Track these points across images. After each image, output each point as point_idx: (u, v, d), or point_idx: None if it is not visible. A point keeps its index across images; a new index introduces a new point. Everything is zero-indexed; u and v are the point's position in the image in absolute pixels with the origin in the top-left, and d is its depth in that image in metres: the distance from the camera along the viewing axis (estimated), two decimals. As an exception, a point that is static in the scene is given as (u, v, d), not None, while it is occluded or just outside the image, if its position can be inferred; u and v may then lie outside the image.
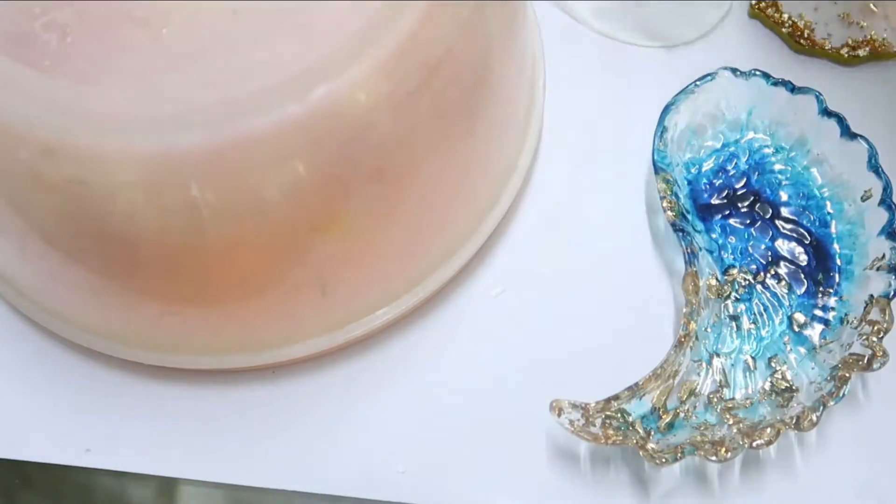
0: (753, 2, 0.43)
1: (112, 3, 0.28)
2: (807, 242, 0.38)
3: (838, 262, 0.38)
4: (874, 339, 0.34)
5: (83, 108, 0.27)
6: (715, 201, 0.39)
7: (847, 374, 0.34)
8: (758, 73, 0.39)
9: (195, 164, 0.27)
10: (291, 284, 0.32)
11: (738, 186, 0.39)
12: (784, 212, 0.39)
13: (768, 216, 0.38)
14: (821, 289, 0.37)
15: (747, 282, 0.37)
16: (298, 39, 0.28)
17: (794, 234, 0.38)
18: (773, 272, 0.37)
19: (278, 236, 0.29)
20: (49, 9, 0.28)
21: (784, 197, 0.39)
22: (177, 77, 0.27)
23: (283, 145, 0.27)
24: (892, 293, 0.35)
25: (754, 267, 0.38)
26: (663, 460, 0.32)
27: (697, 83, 0.39)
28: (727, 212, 0.39)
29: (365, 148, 0.29)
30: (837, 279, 0.37)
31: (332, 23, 0.28)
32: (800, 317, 0.37)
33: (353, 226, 0.30)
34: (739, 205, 0.39)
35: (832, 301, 0.37)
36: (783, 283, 0.37)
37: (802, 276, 0.37)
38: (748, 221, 0.38)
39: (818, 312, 0.37)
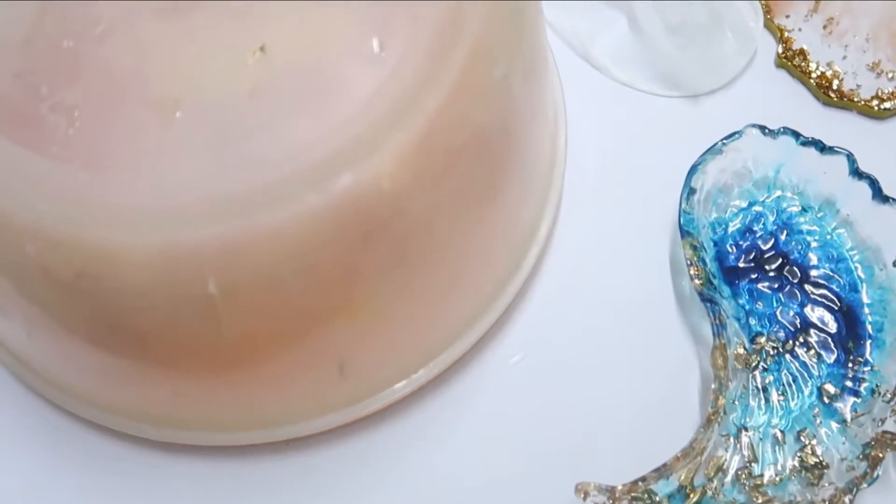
0: (780, 50, 0.42)
1: (122, 82, 0.27)
2: (836, 308, 0.37)
3: (869, 329, 0.36)
4: (908, 415, 0.33)
5: (93, 199, 0.26)
6: (742, 264, 0.38)
7: (881, 455, 0.33)
8: (787, 131, 0.38)
9: (211, 260, 0.26)
10: (309, 367, 0.31)
11: (765, 248, 0.38)
12: (813, 275, 0.37)
13: (797, 280, 0.37)
14: (851, 357, 0.36)
15: (776, 350, 0.36)
16: (319, 124, 0.26)
17: (824, 300, 0.37)
18: (801, 340, 0.36)
19: (296, 326, 0.28)
20: (56, 88, 0.27)
21: (813, 260, 0.38)
22: (191, 165, 0.26)
23: (303, 239, 0.26)
24: (926, 367, 0.34)
25: (782, 334, 0.36)
26: (692, 544, 0.31)
27: (724, 141, 0.38)
28: (754, 275, 0.37)
29: (388, 236, 0.27)
30: (868, 348, 0.36)
31: (354, 107, 0.27)
32: (830, 388, 0.35)
33: (373, 310, 0.29)
34: (767, 268, 0.38)
35: (863, 371, 0.36)
36: (812, 351, 0.36)
37: (832, 343, 0.36)
38: (776, 286, 0.37)
39: (849, 383, 0.36)
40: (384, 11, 0.28)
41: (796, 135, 0.38)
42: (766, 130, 0.38)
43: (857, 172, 0.37)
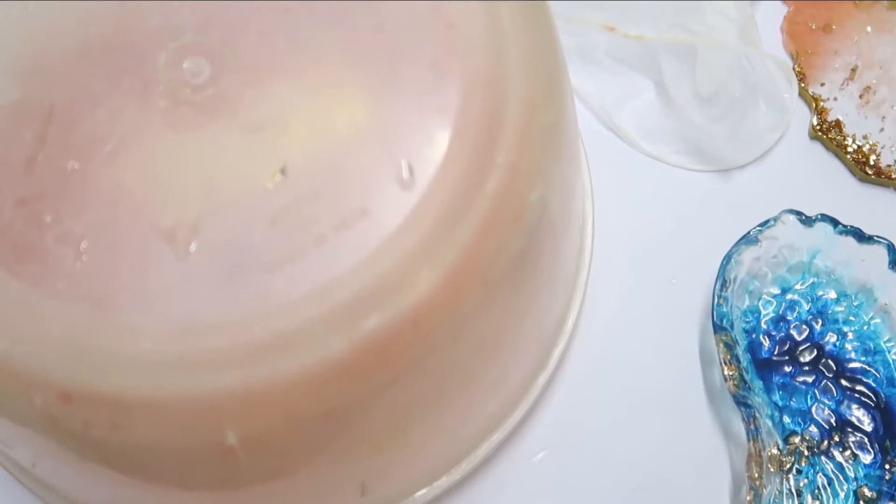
0: (815, 122, 0.40)
1: (133, 209, 0.25)
2: (873, 405, 0.35)
3: (907, 427, 0.35)
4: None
5: (102, 345, 0.24)
6: (775, 357, 0.36)
7: (922, 572, 0.31)
8: (824, 218, 0.36)
9: (230, 410, 0.24)
10: (328, 493, 0.29)
11: (799, 339, 0.36)
12: (849, 369, 0.36)
13: (832, 374, 0.36)
14: (889, 458, 0.35)
15: (810, 451, 0.35)
16: (344, 258, 0.25)
17: (860, 396, 0.36)
18: (837, 439, 0.35)
19: (318, 462, 0.27)
20: (62, 217, 0.25)
21: (849, 351, 0.36)
22: (208, 305, 0.24)
23: (329, 384, 0.24)
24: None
25: (816, 431, 0.35)
26: None
27: (760, 229, 0.36)
28: (788, 368, 0.36)
29: (418, 374, 0.26)
30: (907, 448, 0.35)
31: (382, 241, 0.25)
32: (867, 491, 0.34)
33: (399, 441, 0.28)
34: (801, 360, 0.36)
35: (901, 474, 0.34)
36: (848, 451, 0.35)
37: (868, 443, 0.35)
38: (811, 380, 0.36)
39: (886, 487, 0.34)
40: (414, 130, 0.26)
41: (834, 222, 0.36)
42: (803, 217, 0.36)
43: (897, 264, 0.35)
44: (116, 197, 0.25)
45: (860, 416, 0.35)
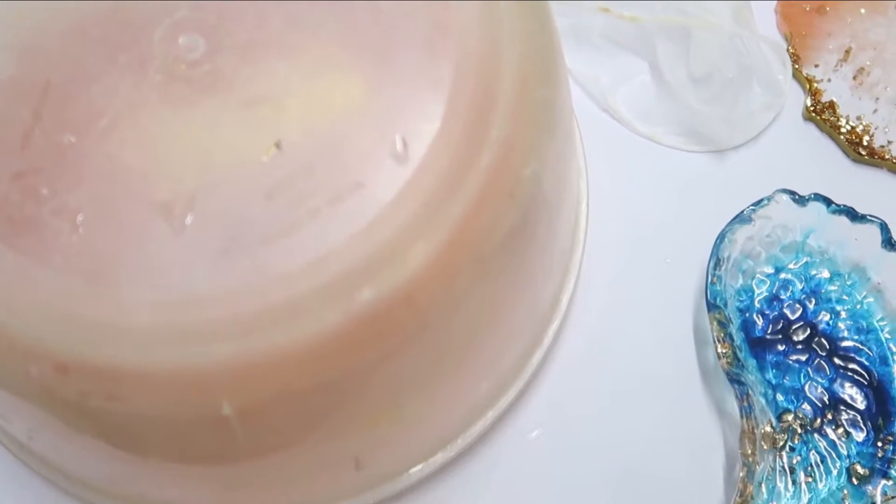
0: (808, 103, 0.40)
1: (128, 182, 0.25)
2: (865, 383, 0.36)
3: (900, 405, 0.35)
4: (942, 503, 0.32)
5: (98, 317, 0.24)
6: (769, 336, 0.36)
7: (913, 546, 0.32)
8: (818, 197, 0.36)
9: (225, 381, 0.24)
10: (324, 467, 0.29)
11: (793, 318, 0.37)
12: (842, 347, 0.36)
13: (825, 353, 0.36)
14: (881, 436, 0.35)
15: (803, 429, 0.35)
16: (339, 231, 0.25)
17: (853, 374, 0.36)
18: (829, 417, 0.35)
19: (314, 436, 0.27)
20: (58, 191, 0.25)
21: (842, 330, 0.36)
22: (203, 277, 0.24)
23: (324, 357, 0.25)
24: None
25: (809, 410, 0.35)
26: None
27: (753, 208, 0.36)
28: (782, 347, 0.36)
29: (413, 349, 0.26)
30: (899, 425, 0.35)
31: (376, 214, 0.25)
32: (859, 468, 0.34)
33: (394, 415, 0.28)
34: (795, 339, 0.36)
35: (894, 451, 0.35)
36: (841, 429, 0.35)
37: (861, 421, 0.35)
38: (804, 358, 0.36)
39: (878, 464, 0.34)
40: (408, 106, 0.26)
41: (827, 201, 0.36)
42: (797, 197, 0.36)
43: (890, 243, 0.36)
44: (112, 171, 0.25)
45: (853, 395, 0.36)
